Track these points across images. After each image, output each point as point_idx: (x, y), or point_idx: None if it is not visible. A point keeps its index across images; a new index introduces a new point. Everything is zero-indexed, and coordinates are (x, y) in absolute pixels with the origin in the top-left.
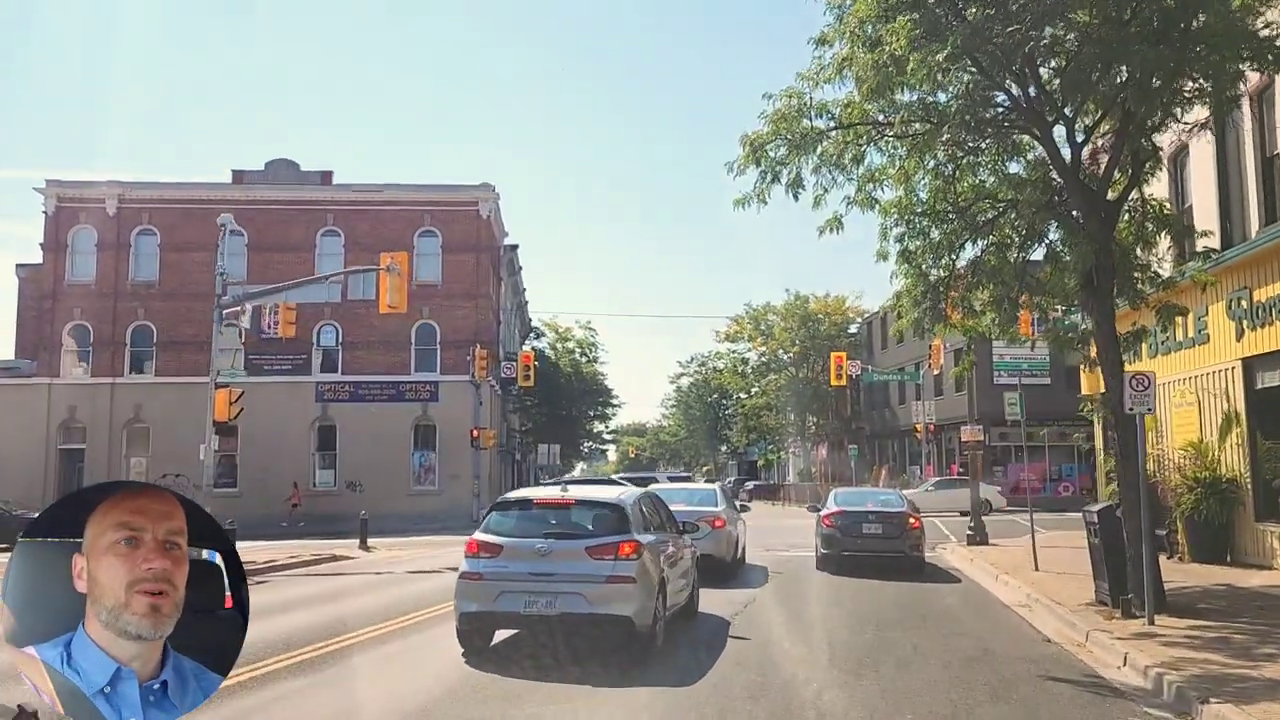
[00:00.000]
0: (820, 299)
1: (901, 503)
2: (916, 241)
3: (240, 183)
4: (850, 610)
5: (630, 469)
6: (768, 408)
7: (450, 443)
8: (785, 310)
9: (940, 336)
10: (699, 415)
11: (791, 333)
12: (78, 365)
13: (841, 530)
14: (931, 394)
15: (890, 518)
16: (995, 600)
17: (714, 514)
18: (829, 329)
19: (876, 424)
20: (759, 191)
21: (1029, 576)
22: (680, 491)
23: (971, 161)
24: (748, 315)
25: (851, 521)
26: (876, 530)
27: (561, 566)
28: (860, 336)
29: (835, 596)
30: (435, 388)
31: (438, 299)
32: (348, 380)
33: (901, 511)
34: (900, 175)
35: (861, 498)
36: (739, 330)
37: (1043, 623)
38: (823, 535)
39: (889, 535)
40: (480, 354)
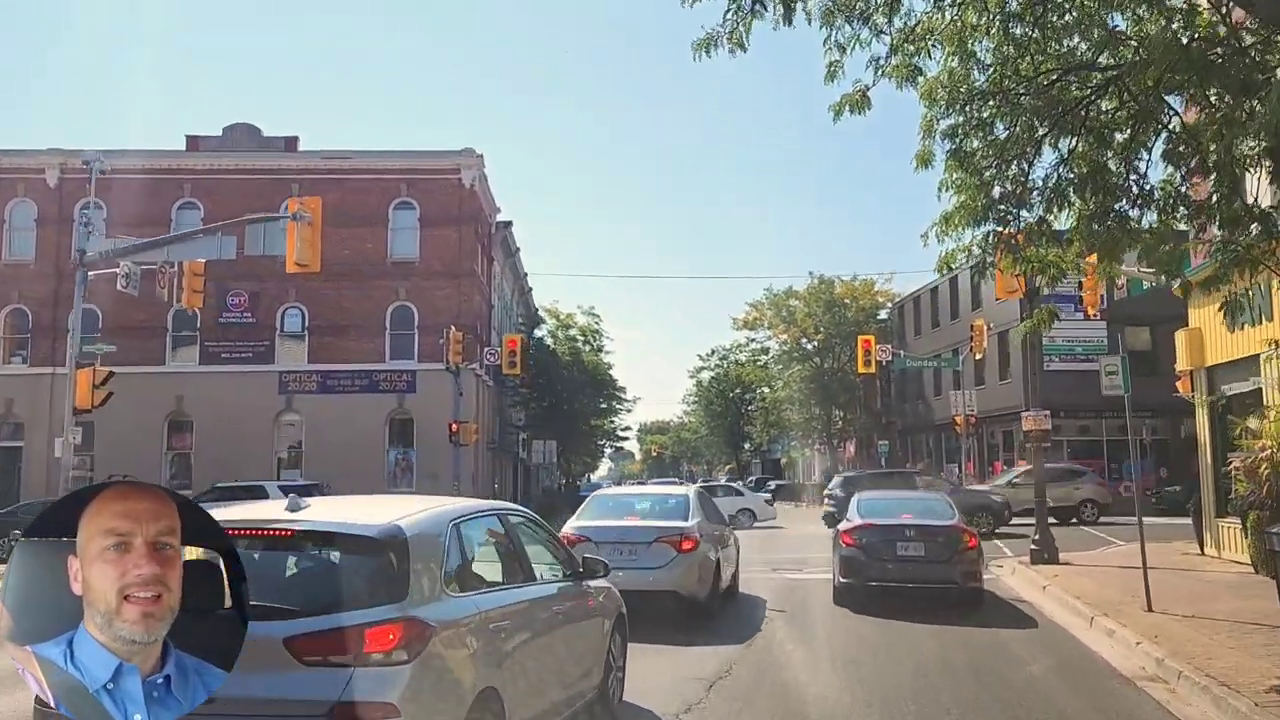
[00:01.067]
0: (846, 282)
1: (949, 511)
2: (975, 139)
3: (196, 149)
4: (876, 690)
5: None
6: (790, 401)
7: (429, 438)
8: (808, 295)
9: (1011, 274)
10: (720, 411)
11: (815, 319)
12: (16, 354)
13: (868, 551)
14: (972, 382)
15: (935, 533)
16: (1103, 666)
17: (678, 532)
18: (856, 314)
19: (909, 418)
20: (732, 26)
21: (1144, 622)
22: (638, 500)
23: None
24: (768, 301)
25: (882, 539)
26: (916, 551)
27: None
28: (891, 323)
29: (854, 657)
30: (413, 377)
31: (416, 278)
32: (315, 369)
33: (951, 525)
34: (952, 34)
35: (895, 505)
36: (758, 317)
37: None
38: (843, 557)
39: (934, 558)
40: (455, 336)
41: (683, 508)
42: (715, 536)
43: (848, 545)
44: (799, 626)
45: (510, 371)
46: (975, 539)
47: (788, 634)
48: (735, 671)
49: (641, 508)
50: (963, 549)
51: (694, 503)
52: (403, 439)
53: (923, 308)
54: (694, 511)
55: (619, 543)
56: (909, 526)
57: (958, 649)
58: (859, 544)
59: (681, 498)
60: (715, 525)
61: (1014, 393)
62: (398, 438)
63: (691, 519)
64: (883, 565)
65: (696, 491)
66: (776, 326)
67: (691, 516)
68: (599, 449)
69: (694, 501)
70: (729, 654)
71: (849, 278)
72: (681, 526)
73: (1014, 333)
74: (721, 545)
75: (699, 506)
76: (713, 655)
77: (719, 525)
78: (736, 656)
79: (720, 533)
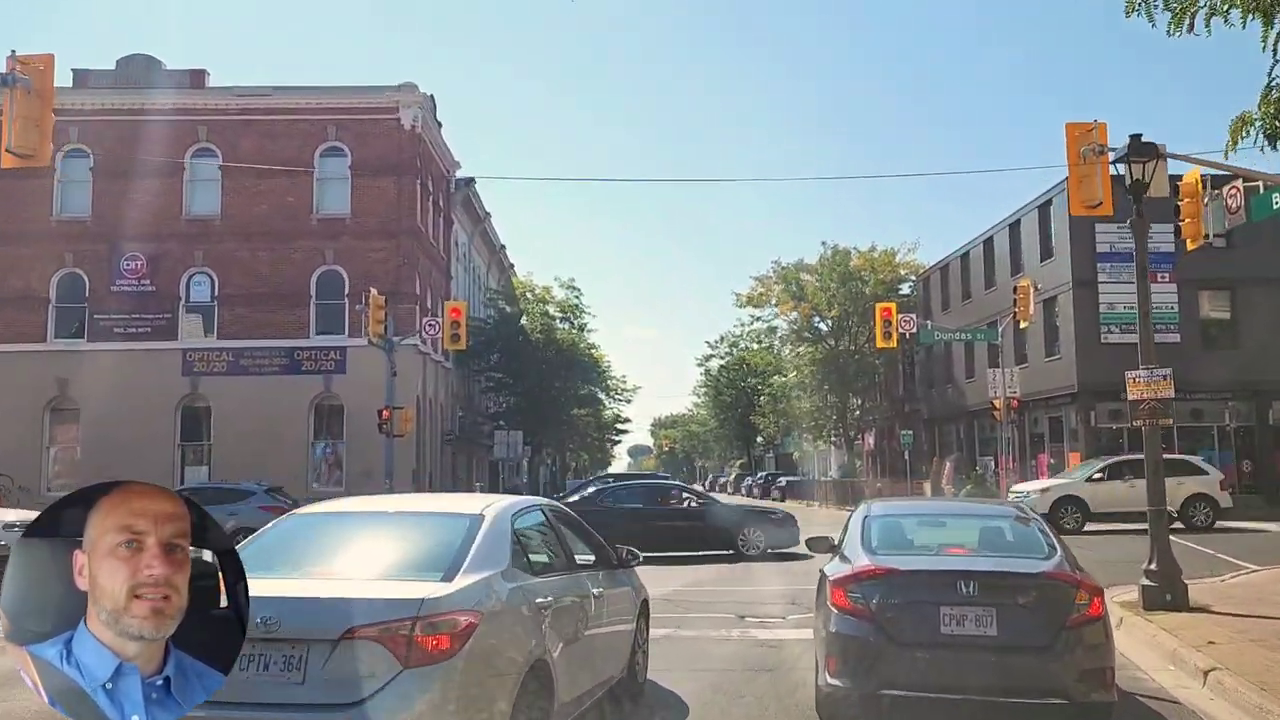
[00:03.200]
0: (863, 253)
1: (1040, 542)
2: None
3: (85, 86)
4: None
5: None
6: (801, 387)
7: (362, 428)
8: (821, 267)
9: None
10: (730, 402)
11: (828, 294)
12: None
13: (886, 625)
14: (1012, 360)
15: (1019, 589)
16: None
17: (408, 612)
18: (875, 288)
19: (936, 405)
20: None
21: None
22: (360, 528)
23: None
24: (775, 274)
25: (912, 601)
26: (981, 626)
27: None
28: (915, 297)
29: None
30: (343, 355)
31: (347, 237)
32: (226, 347)
33: (1048, 573)
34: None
35: (935, 529)
36: (764, 293)
37: None
38: (836, 636)
39: (1018, 640)
40: (376, 300)
41: (451, 552)
42: (548, 610)
43: (845, 611)
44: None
45: (453, 347)
46: (1099, 599)
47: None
48: None
49: (358, 549)
50: (1075, 620)
51: (486, 539)
52: (330, 429)
53: (951, 278)
54: (479, 557)
55: (259, 642)
56: (965, 575)
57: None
58: (867, 610)
59: (459, 525)
60: (570, 580)
61: (1063, 372)
62: (325, 427)
63: (463, 575)
64: (913, 656)
65: (501, 514)
66: (785, 303)
67: (467, 569)
68: (594, 442)
69: (487, 536)
70: None
71: (866, 248)
72: (424, 598)
73: (1062, 299)
74: (579, 623)
75: (495, 547)
76: None
77: (578, 577)
78: None
79: (577, 596)
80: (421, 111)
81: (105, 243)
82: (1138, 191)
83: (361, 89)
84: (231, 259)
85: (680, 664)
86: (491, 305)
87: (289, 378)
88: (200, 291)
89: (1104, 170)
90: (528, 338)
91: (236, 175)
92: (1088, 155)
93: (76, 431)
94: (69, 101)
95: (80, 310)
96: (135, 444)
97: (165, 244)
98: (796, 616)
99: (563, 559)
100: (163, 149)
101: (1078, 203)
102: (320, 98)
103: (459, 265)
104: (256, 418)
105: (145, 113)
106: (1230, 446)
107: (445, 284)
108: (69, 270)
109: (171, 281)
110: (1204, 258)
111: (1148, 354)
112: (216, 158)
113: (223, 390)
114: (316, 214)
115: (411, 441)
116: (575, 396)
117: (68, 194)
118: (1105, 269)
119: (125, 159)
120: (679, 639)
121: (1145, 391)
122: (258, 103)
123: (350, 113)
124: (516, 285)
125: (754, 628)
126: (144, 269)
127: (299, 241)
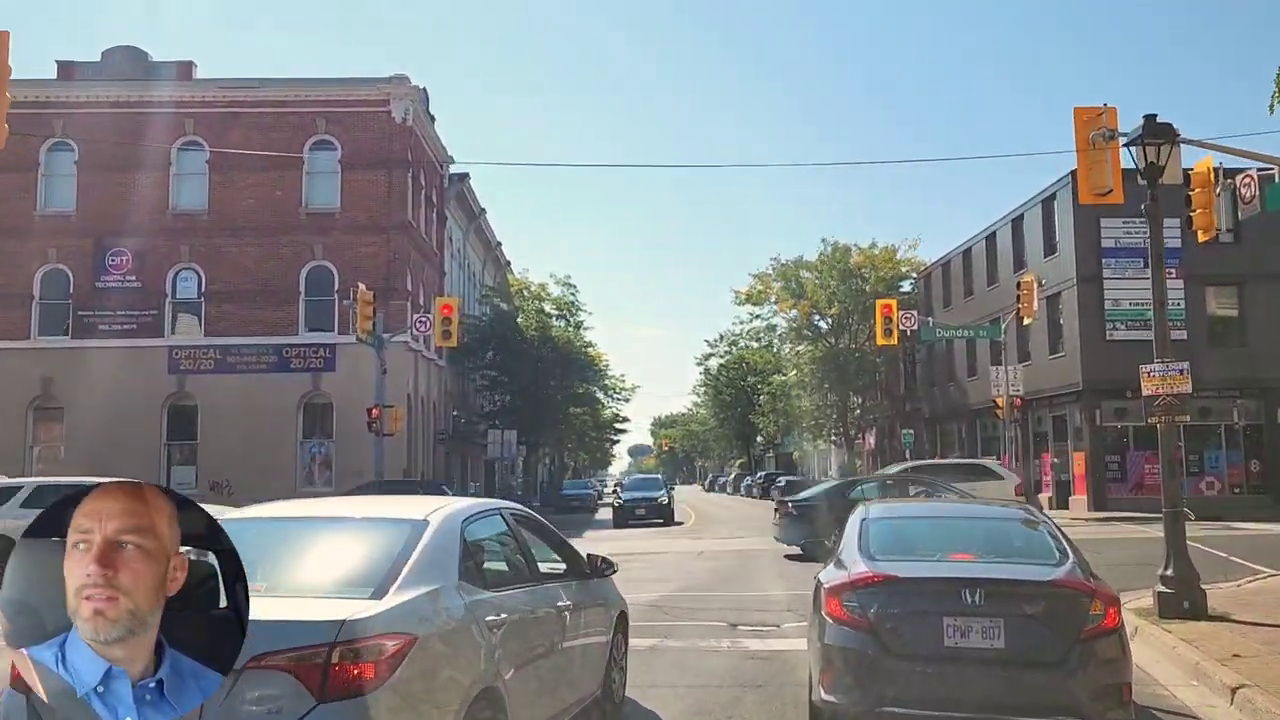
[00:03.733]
0: (864, 250)
1: (1050, 546)
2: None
3: (69, 78)
4: None
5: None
6: (800, 386)
7: (352, 427)
8: (820, 264)
9: None
10: (729, 402)
11: (828, 291)
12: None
13: (885, 636)
14: (1015, 357)
15: (1028, 597)
16: None
17: (309, 643)
18: (875, 286)
19: (937, 404)
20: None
21: None
22: (282, 536)
23: None
24: (774, 271)
25: (914, 611)
26: (988, 639)
27: None
28: (916, 295)
29: None
30: (332, 353)
31: (336, 232)
32: (213, 344)
33: (1060, 580)
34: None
35: (938, 533)
36: (764, 290)
37: None
38: (830, 649)
39: (1029, 654)
40: (364, 296)
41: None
42: (502, 628)
43: (841, 621)
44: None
45: (444, 344)
46: (1115, 609)
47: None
48: None
49: (280, 562)
50: (1090, 632)
51: (429, 548)
52: (320, 428)
53: (953, 275)
54: (419, 570)
55: None
56: (971, 583)
57: None
58: (865, 620)
59: (398, 532)
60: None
61: (1067, 369)
62: (314, 426)
63: (397, 591)
64: (913, 671)
65: (468, 516)
66: (784, 300)
67: (403, 584)
68: (591, 442)
69: (431, 545)
70: None
71: (867, 245)
72: (346, 619)
73: (1066, 295)
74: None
75: (439, 558)
76: None
77: (542, 589)
78: None
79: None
80: (413, 104)
81: (90, 238)
82: (1153, 175)
83: (351, 81)
84: (219, 254)
85: (665, 679)
86: (486, 302)
87: (277, 375)
88: (187, 288)
89: (1114, 156)
90: (522, 335)
91: (224, 169)
92: (1097, 141)
93: (61, 430)
94: (53, 94)
95: (65, 307)
96: (120, 443)
97: (151, 239)
98: (793, 625)
99: (525, 569)
100: (149, 142)
101: (1087, 191)
102: (309, 90)
103: (453, 262)
104: (244, 416)
105: (131, 105)
106: (1238, 446)
107: (439, 280)
108: (53, 266)
109: (157, 277)
110: (1211, 253)
111: (1163, 347)
112: (204, 151)
113: (210, 388)
114: (305, 208)
115: (403, 441)
116: (572, 395)
117: (52, 188)
118: (1111, 264)
119: (111, 152)
120: (666, 650)
121: (1161, 386)
122: (246, 95)
123: (340, 105)
124: (512, 282)
125: (747, 637)
126: (129, 265)
127: (287, 236)
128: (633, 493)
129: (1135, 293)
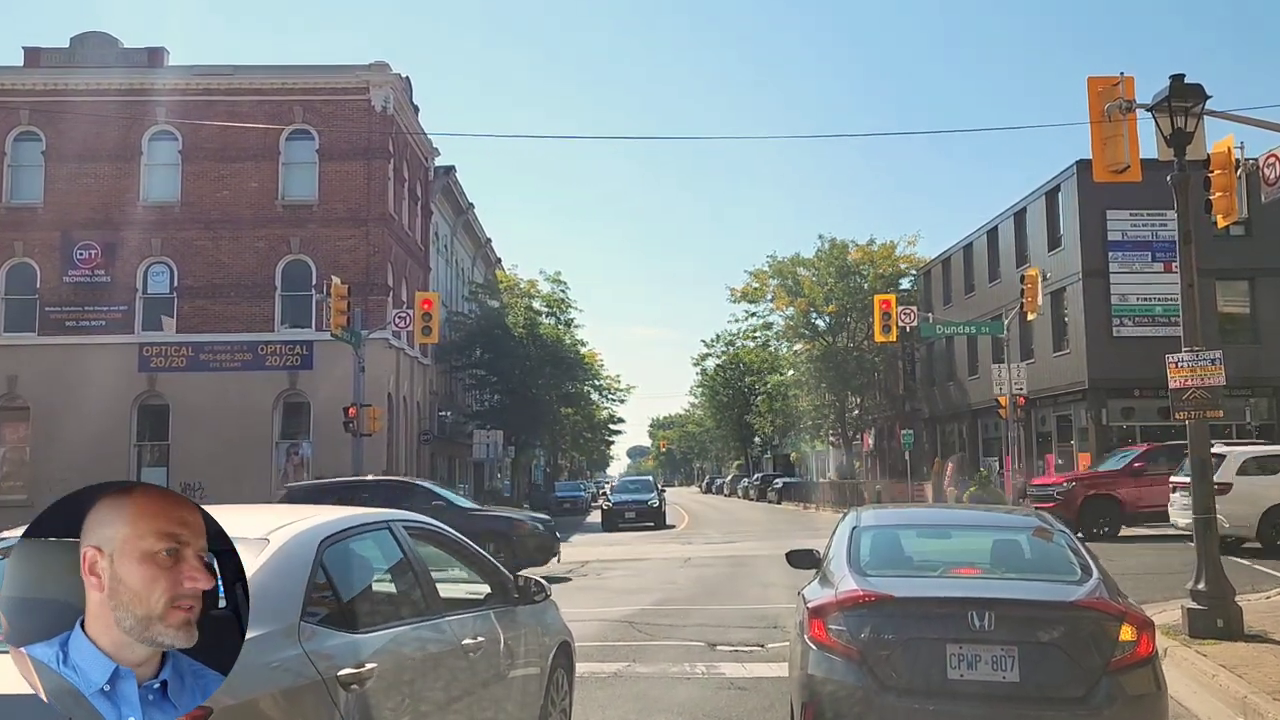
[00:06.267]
0: (862, 246)
1: (1068, 561)
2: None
3: (37, 65)
4: None
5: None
6: (798, 385)
7: (330, 427)
8: (818, 261)
9: None
10: (726, 403)
11: (826, 288)
12: None
13: (877, 668)
14: (1018, 355)
15: (1044, 621)
16: None
17: None
18: (874, 283)
19: (937, 404)
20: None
21: None
22: None
23: None
24: (771, 268)
25: (912, 638)
26: (999, 669)
27: None
28: (916, 292)
29: None
30: (309, 350)
31: (314, 225)
32: (185, 341)
33: (1083, 601)
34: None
35: (938, 540)
36: (760, 287)
37: None
38: (815, 680)
39: (1045, 692)
40: (338, 290)
41: None
42: (367, 680)
43: (826, 648)
44: None
45: (424, 340)
46: (1149, 634)
47: None
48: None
49: None
50: (1119, 662)
51: (259, 581)
52: (297, 428)
53: (953, 271)
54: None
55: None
56: (979, 604)
57: None
58: (854, 647)
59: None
60: (409, 630)
61: (1073, 367)
62: (290, 426)
63: None
64: (911, 708)
65: (329, 534)
66: (781, 298)
67: None
68: (587, 443)
69: (264, 576)
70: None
71: (865, 241)
72: None
73: (1071, 290)
74: (434, 689)
75: (273, 592)
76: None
77: (442, 622)
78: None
79: (432, 651)
80: (394, 93)
81: (58, 231)
82: (1180, 143)
83: (329, 68)
84: (191, 248)
85: (624, 715)
86: (474, 299)
87: (252, 373)
88: (158, 282)
89: (1131, 130)
90: (510, 333)
91: (197, 159)
92: (1113, 112)
93: (26, 431)
94: (20, 82)
95: (31, 302)
96: (89, 444)
97: (121, 232)
98: (778, 645)
99: (419, 599)
100: (119, 131)
101: (1101, 167)
102: (286, 77)
103: (439, 257)
104: (218, 416)
105: (101, 93)
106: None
107: (423, 276)
108: (19, 260)
109: (128, 272)
110: (1221, 247)
111: (1192, 334)
112: (176, 141)
113: (182, 387)
114: (282, 200)
115: (382, 441)
116: (562, 395)
117: (18, 179)
118: (1117, 258)
119: (79, 142)
120: (631, 678)
121: (1190, 378)
122: (219, 83)
123: (318, 93)
124: (501, 279)
125: (725, 660)
126: (98, 258)
127: (263, 229)
128: (622, 495)
129: (1143, 287)
